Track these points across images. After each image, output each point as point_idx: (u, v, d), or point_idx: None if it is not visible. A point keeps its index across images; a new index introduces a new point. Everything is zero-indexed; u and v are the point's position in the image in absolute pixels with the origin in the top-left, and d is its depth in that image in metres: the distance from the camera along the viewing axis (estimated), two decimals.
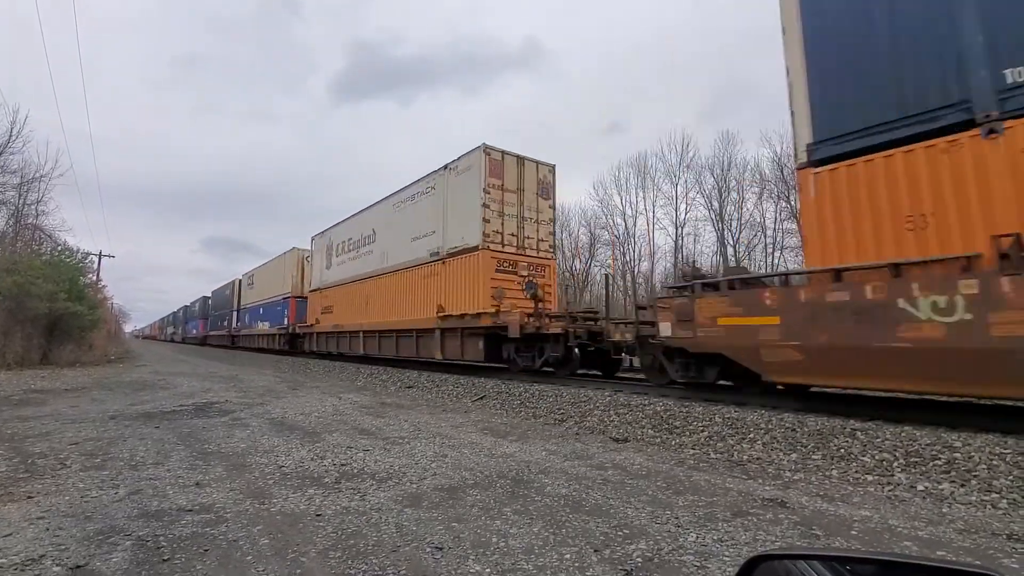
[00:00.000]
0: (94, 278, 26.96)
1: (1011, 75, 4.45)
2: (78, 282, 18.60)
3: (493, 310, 10.08)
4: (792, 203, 29.51)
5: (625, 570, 2.30)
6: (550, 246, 11.89)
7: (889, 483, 3.72)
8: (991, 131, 4.49)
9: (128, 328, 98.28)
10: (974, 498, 3.37)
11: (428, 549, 2.52)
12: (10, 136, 21.14)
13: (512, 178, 11.27)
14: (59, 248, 20.32)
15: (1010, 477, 3.51)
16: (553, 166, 12.02)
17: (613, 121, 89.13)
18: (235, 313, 31.42)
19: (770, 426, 5.03)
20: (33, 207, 24.01)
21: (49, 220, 24.76)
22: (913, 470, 3.84)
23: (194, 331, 46.99)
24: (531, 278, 11.06)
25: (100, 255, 31.42)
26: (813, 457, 4.32)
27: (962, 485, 3.55)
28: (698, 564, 2.36)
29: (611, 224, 36.20)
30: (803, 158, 5.83)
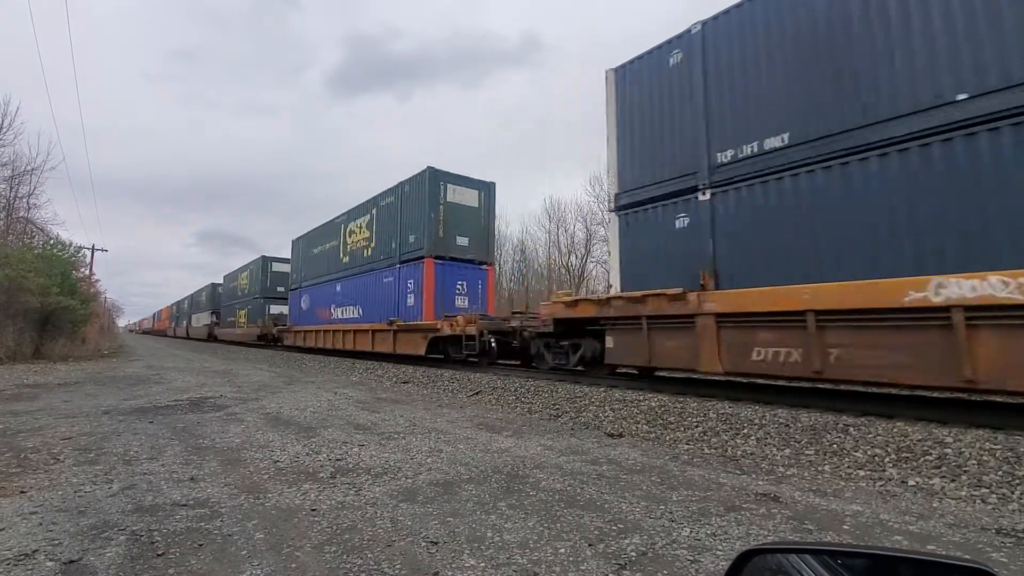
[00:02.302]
0: (87, 272, 26.78)
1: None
2: (70, 276, 18.47)
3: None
4: None
5: (619, 564, 2.31)
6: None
7: (881, 478, 3.76)
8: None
9: (122, 323, 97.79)
10: (964, 493, 3.41)
11: (423, 544, 2.52)
12: (0, 127, 20.89)
13: None
14: (51, 241, 20.12)
15: (999, 472, 3.55)
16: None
17: None
18: None
19: (764, 421, 5.06)
20: (24, 200, 23.77)
21: (41, 213, 24.53)
22: (904, 465, 3.88)
23: (327, 307, 17.15)
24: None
25: (93, 249, 31.17)
26: (806, 452, 4.36)
27: (952, 480, 3.59)
28: (691, 558, 2.38)
29: (607, 220, 36.14)
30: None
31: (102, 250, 32.47)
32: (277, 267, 25.09)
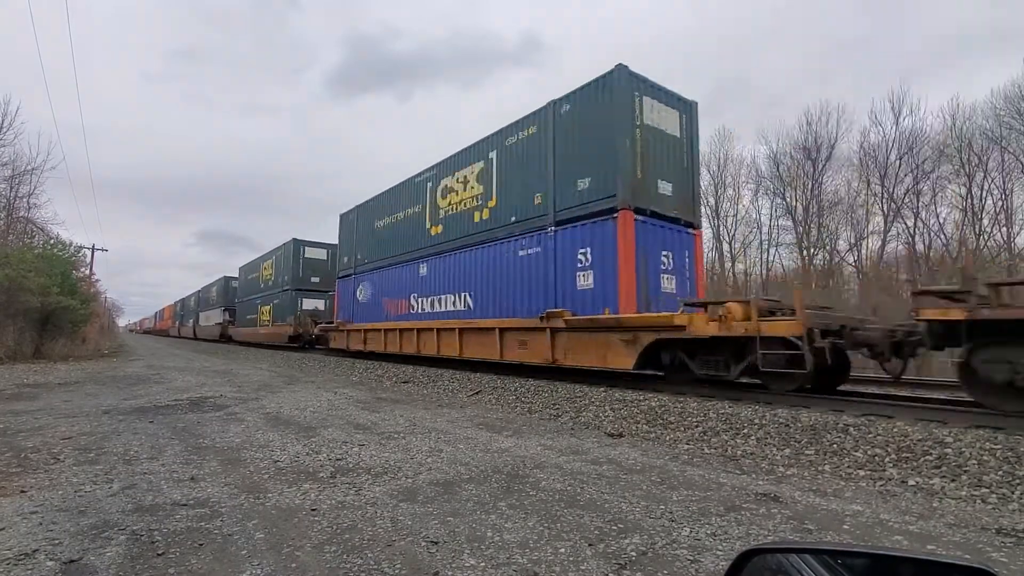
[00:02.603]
0: (87, 272, 26.78)
1: None
2: (70, 276, 18.47)
3: None
4: (787, 200, 29.44)
5: (619, 564, 2.31)
6: None
7: (881, 478, 3.76)
8: None
9: (122, 322, 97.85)
10: (964, 493, 3.41)
11: (423, 543, 2.52)
12: (1, 127, 20.92)
13: None
14: (51, 241, 20.12)
15: (1000, 472, 3.55)
16: None
17: None
18: None
19: (764, 421, 5.06)
20: (25, 200, 23.81)
21: (41, 213, 24.54)
22: (904, 465, 3.88)
23: (403, 298, 13.09)
24: None
25: (93, 249, 31.12)
26: (806, 452, 4.36)
27: (952, 480, 3.59)
28: (691, 558, 2.38)
29: None
30: None
31: (102, 250, 32.40)
32: (311, 252, 21.24)
